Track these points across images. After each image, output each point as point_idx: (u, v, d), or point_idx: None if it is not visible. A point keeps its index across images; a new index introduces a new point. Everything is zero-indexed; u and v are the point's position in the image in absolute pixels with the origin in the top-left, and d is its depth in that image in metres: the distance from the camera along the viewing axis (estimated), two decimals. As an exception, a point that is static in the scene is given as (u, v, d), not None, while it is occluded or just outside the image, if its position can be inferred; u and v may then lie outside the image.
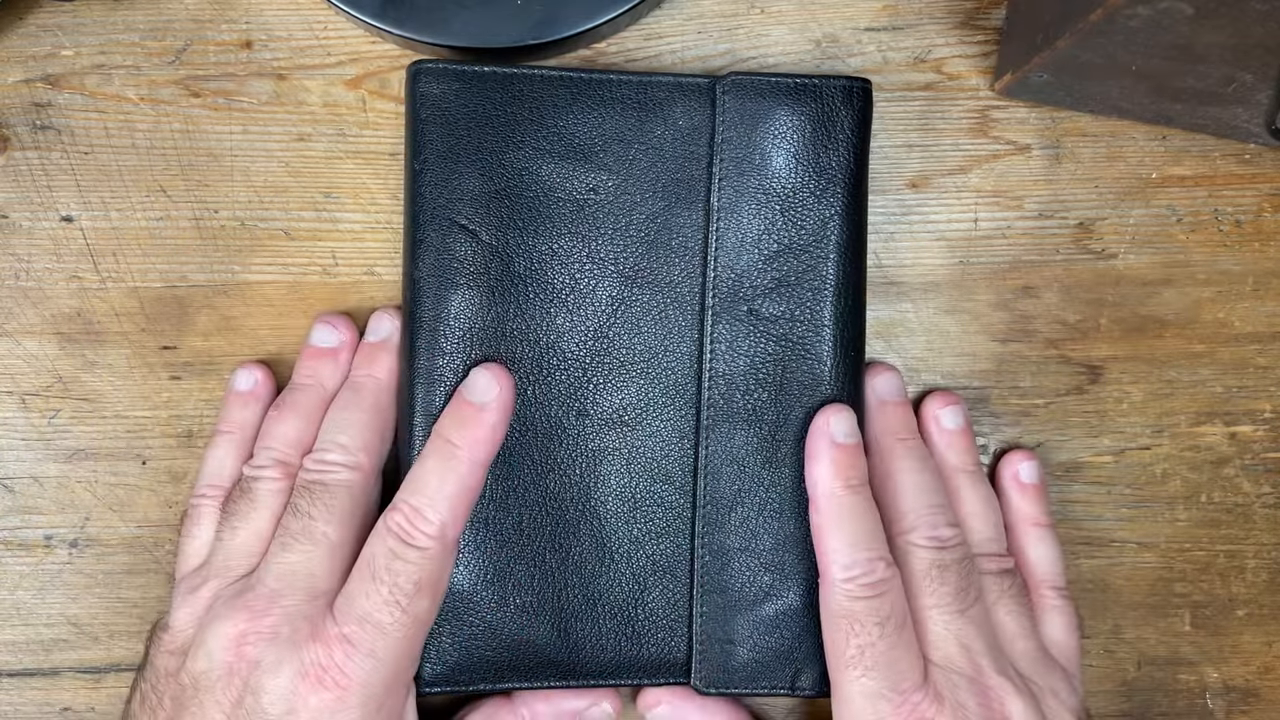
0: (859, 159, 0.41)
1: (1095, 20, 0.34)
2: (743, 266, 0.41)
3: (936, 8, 0.44)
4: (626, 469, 0.41)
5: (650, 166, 0.41)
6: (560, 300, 0.41)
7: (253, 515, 0.39)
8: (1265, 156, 0.44)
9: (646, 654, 0.41)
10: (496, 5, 0.41)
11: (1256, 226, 0.45)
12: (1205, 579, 0.45)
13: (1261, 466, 0.45)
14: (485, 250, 0.40)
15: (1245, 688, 0.45)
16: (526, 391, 0.40)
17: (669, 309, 0.41)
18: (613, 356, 0.41)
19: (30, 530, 0.44)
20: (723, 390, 0.41)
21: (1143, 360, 0.45)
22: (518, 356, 0.40)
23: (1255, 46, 0.34)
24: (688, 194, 0.41)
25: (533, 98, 0.40)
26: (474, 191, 0.40)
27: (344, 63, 0.44)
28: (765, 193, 0.41)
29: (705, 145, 0.41)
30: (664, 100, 0.41)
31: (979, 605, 0.39)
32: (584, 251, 0.41)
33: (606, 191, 0.41)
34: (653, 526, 0.41)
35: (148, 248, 0.44)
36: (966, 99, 0.44)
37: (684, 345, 0.41)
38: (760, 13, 0.44)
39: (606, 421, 0.41)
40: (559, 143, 0.40)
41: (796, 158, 0.41)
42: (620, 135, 0.41)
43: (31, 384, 0.44)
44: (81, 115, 0.43)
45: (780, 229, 0.41)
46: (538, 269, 0.40)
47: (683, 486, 0.41)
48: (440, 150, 0.40)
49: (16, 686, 0.44)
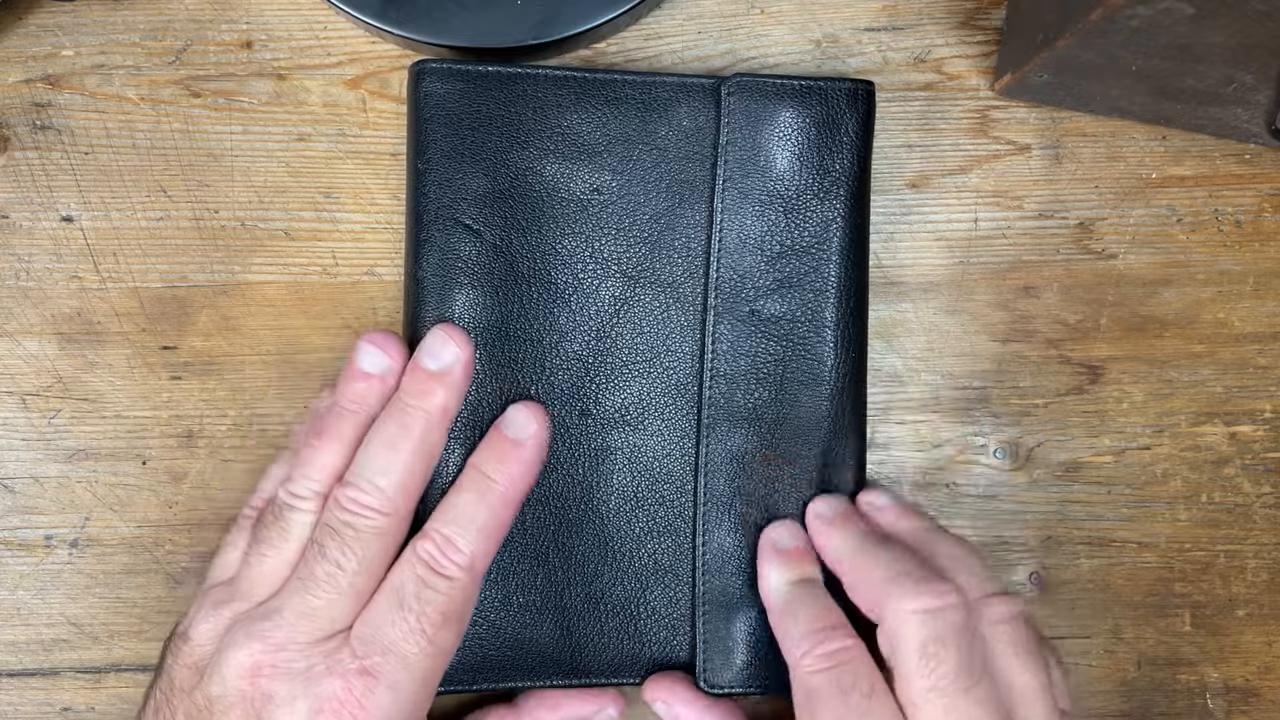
0: (862, 162, 0.41)
1: (1095, 20, 0.34)
2: (745, 267, 0.41)
3: (936, 8, 0.44)
4: (629, 468, 0.41)
5: (653, 166, 0.41)
6: (563, 300, 0.41)
7: (284, 545, 0.38)
8: (1265, 156, 0.44)
9: (649, 653, 0.41)
10: (496, 5, 0.41)
11: (1256, 226, 0.45)
12: (1205, 579, 0.45)
13: (1261, 466, 0.45)
14: (489, 250, 0.40)
15: (1245, 688, 0.45)
16: (530, 391, 0.40)
17: (671, 308, 0.41)
18: (615, 356, 0.41)
19: (30, 530, 0.44)
20: (723, 389, 0.41)
21: (1143, 360, 0.45)
22: (521, 356, 0.40)
23: (1255, 46, 0.34)
24: (691, 194, 0.41)
25: (536, 97, 0.40)
26: (478, 191, 0.40)
27: (344, 63, 0.44)
28: (768, 194, 0.41)
29: (709, 146, 0.41)
30: (668, 100, 0.41)
31: (985, 679, 0.35)
32: (587, 251, 0.41)
33: (610, 191, 0.41)
34: (654, 525, 0.41)
35: (148, 248, 0.44)
36: (966, 99, 0.44)
37: (686, 345, 0.41)
38: (760, 13, 0.44)
39: (609, 421, 0.41)
40: (563, 142, 0.40)
41: (800, 160, 0.41)
42: (624, 135, 0.41)
43: (31, 384, 0.44)
44: (81, 115, 0.43)
45: (783, 230, 0.41)
46: (541, 269, 0.40)
47: (683, 485, 0.41)
48: (444, 150, 0.40)
49: (16, 686, 0.44)
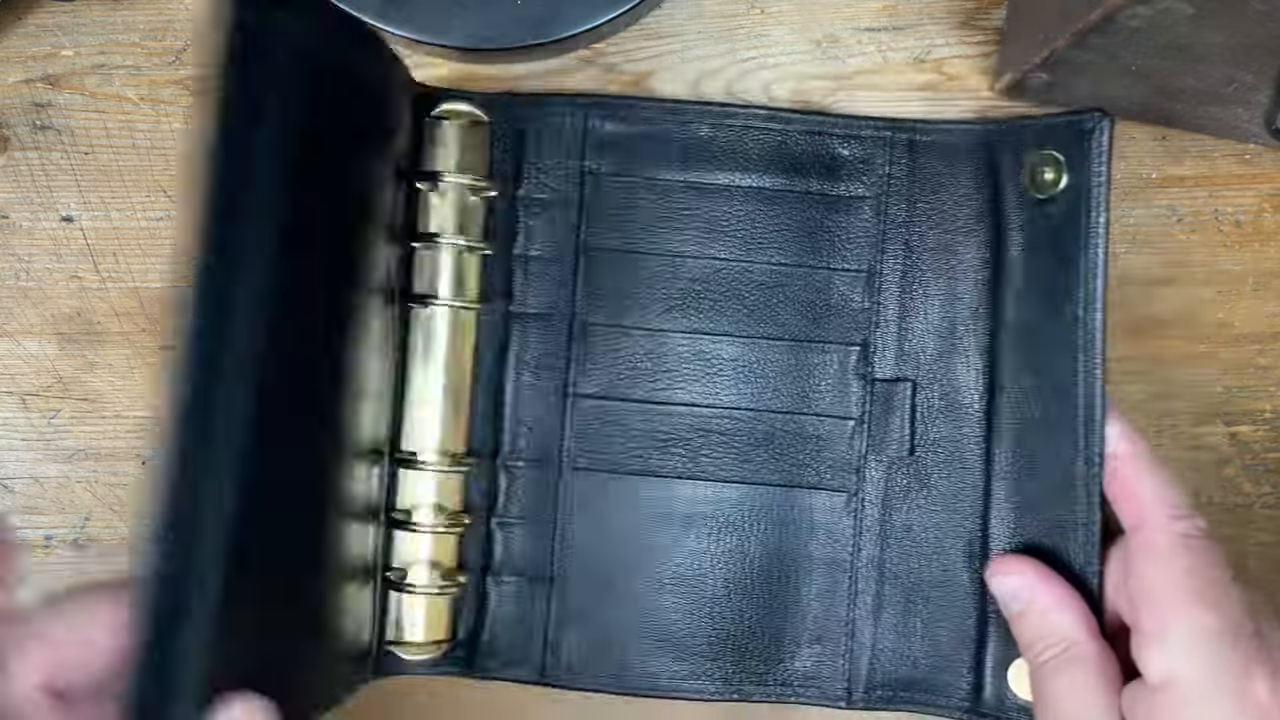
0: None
1: (1095, 20, 0.34)
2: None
3: (936, 8, 0.44)
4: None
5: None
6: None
7: None
8: (1265, 156, 0.44)
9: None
10: (496, 5, 0.41)
11: (1256, 226, 0.45)
12: (1205, 579, 0.45)
13: (1261, 466, 0.45)
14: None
15: (1245, 688, 0.45)
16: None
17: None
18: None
19: (30, 530, 0.44)
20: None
21: (1143, 360, 0.45)
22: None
23: (1255, 46, 0.34)
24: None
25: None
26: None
27: (344, 63, 0.44)
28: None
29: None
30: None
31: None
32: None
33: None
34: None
35: (148, 248, 0.44)
36: (966, 99, 0.44)
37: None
38: (760, 13, 0.44)
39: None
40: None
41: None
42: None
43: (31, 384, 0.44)
44: (81, 115, 0.43)
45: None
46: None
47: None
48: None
49: (16, 686, 0.44)
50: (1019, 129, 0.41)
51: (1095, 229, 0.38)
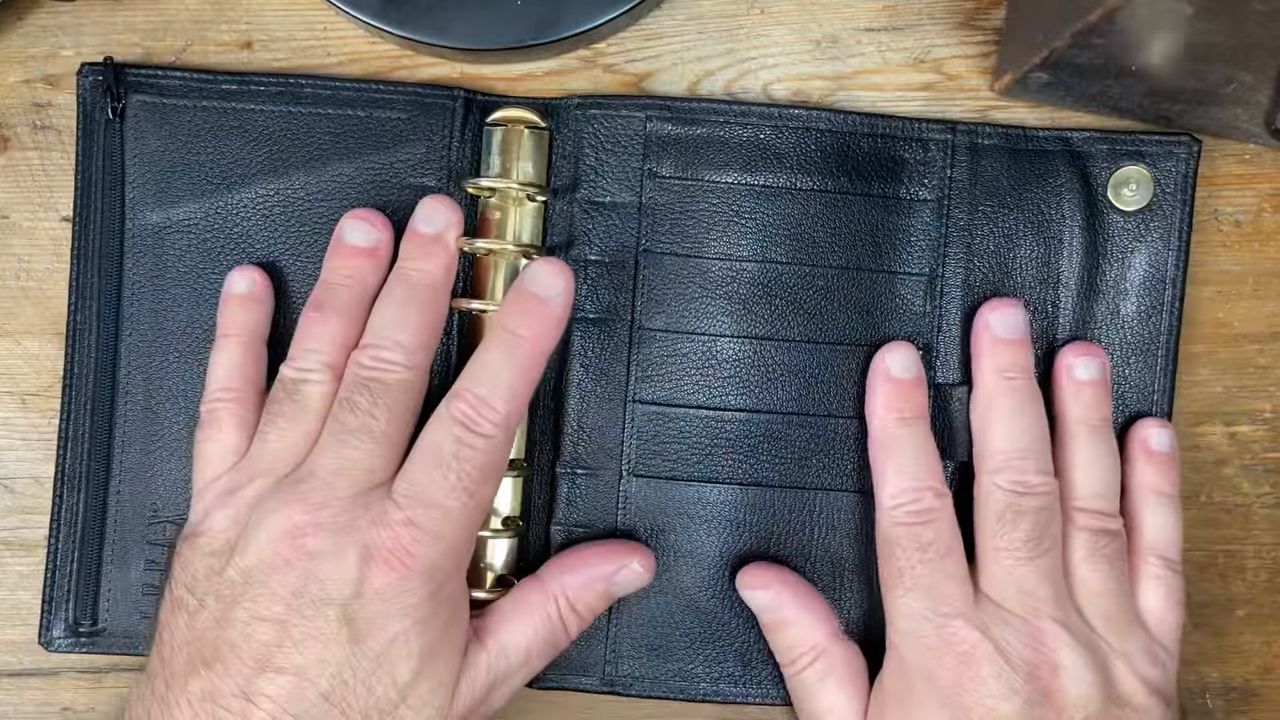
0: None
1: (1095, 20, 0.34)
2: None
3: (936, 8, 0.44)
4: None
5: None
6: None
7: (301, 417, 0.38)
8: (1265, 156, 0.44)
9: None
10: (496, 5, 0.41)
11: (1256, 226, 0.45)
12: (1205, 579, 0.45)
13: (1261, 466, 0.45)
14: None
15: (1245, 688, 0.45)
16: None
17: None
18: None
19: (30, 530, 0.44)
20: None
21: (1143, 360, 0.45)
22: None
23: (1255, 46, 0.34)
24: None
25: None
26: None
27: (344, 63, 0.44)
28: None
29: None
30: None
31: (1050, 556, 0.39)
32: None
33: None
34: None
35: (148, 248, 0.44)
36: (966, 99, 0.44)
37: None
38: (760, 13, 0.44)
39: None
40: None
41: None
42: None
43: (31, 384, 0.44)
44: (81, 115, 0.43)
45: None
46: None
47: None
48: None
49: (16, 686, 0.44)
50: (1109, 140, 0.42)
51: (1180, 245, 0.42)
